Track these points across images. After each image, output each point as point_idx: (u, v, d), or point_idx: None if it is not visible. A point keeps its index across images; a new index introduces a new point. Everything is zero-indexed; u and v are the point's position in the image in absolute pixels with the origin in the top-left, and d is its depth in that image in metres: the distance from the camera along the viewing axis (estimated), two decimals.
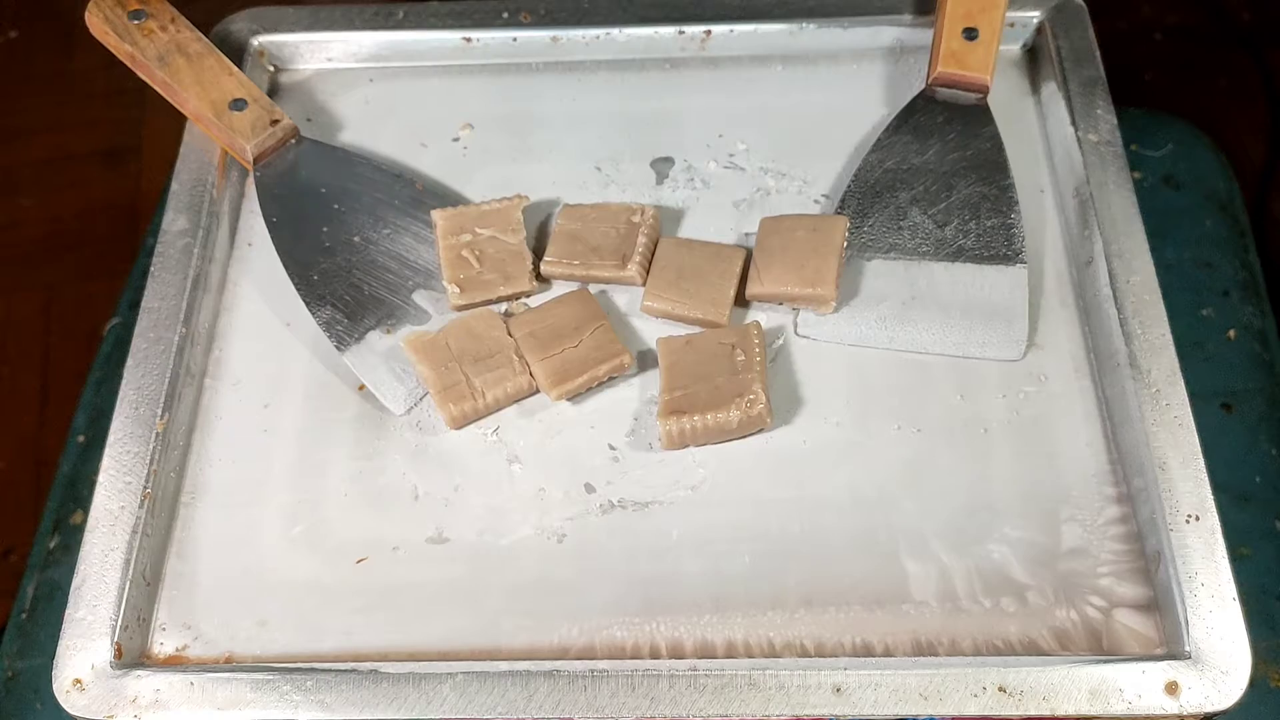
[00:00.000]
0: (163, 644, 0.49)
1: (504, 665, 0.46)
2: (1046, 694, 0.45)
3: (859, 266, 0.57)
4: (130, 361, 0.54)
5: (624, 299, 0.58)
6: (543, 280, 0.58)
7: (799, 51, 0.66)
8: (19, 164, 1.34)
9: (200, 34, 0.61)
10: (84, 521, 0.51)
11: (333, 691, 0.46)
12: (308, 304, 0.56)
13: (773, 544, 0.50)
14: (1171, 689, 0.45)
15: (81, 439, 0.73)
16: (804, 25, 0.65)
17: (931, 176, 0.59)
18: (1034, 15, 0.64)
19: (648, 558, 0.50)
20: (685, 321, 0.56)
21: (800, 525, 0.51)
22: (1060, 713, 0.44)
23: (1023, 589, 0.49)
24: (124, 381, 0.54)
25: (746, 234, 0.59)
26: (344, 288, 0.57)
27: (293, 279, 0.57)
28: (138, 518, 0.50)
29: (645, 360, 0.56)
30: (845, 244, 0.56)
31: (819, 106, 0.64)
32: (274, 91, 0.66)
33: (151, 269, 0.57)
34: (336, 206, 0.59)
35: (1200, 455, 0.49)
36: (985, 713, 0.45)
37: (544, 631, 0.49)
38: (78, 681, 0.47)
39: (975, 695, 0.45)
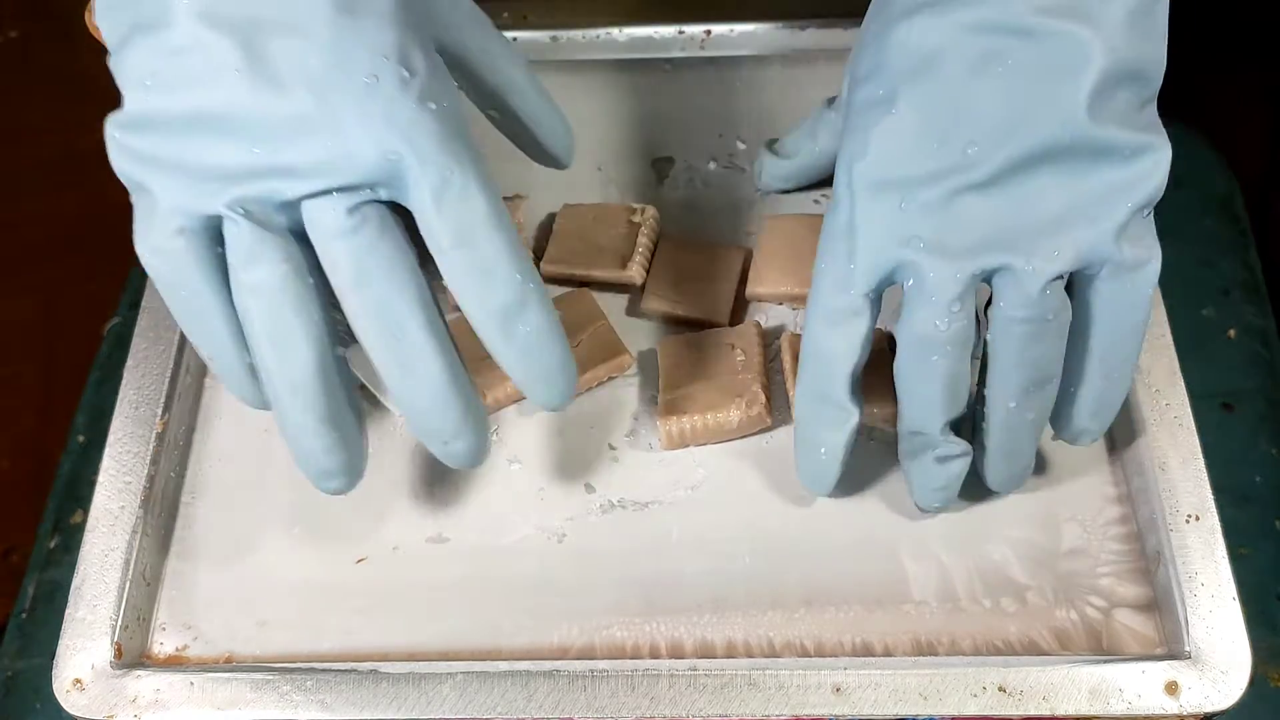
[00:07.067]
0: (163, 644, 0.49)
1: (504, 665, 0.46)
2: (1046, 694, 0.45)
3: None
4: (130, 361, 0.54)
5: (624, 299, 0.58)
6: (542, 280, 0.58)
7: (799, 51, 0.66)
8: (20, 164, 1.34)
9: None
10: (84, 521, 0.50)
11: (333, 691, 0.46)
12: None
13: (773, 544, 0.50)
14: (1171, 689, 0.45)
15: (81, 439, 0.73)
16: (804, 25, 0.65)
17: None
18: None
19: (648, 558, 0.50)
20: (685, 321, 0.56)
21: (800, 525, 0.51)
22: (1060, 713, 0.44)
23: (1023, 589, 0.49)
24: (124, 381, 0.54)
25: (746, 234, 0.59)
26: None
27: None
28: (138, 518, 0.50)
29: (645, 360, 0.56)
30: None
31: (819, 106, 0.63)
32: None
33: None
34: None
35: (1200, 455, 0.49)
36: (985, 713, 0.45)
37: (544, 631, 0.49)
38: (78, 681, 0.47)
39: (975, 695, 0.45)
